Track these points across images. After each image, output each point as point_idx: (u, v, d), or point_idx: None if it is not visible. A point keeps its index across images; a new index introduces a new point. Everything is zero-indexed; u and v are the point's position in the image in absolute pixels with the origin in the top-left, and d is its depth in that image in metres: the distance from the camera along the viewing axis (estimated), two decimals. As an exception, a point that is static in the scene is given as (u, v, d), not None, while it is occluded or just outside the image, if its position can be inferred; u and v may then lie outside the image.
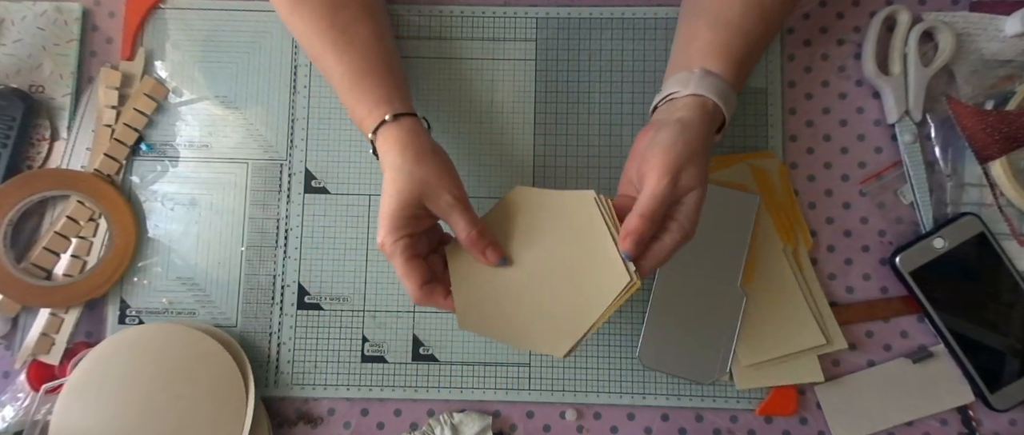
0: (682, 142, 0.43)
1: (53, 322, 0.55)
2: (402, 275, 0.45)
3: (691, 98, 0.45)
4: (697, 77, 0.46)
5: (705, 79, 0.46)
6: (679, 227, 0.43)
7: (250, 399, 0.52)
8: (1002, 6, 0.56)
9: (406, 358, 0.56)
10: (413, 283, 0.45)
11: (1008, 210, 0.54)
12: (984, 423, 0.53)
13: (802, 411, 0.54)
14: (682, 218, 0.43)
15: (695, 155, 0.43)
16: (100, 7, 0.59)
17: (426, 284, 0.45)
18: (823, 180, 0.56)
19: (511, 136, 0.57)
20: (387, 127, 0.47)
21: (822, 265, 0.55)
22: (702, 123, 0.45)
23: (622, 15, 0.58)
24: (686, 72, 0.47)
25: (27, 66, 0.58)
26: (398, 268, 0.45)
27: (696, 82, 0.46)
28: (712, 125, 0.46)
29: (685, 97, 0.46)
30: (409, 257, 0.45)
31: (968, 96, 0.55)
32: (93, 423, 0.51)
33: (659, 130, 0.44)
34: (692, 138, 0.43)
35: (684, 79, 0.46)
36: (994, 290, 0.53)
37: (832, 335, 0.53)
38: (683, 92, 0.46)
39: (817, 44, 0.57)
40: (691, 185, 0.43)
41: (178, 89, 0.58)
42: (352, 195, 0.57)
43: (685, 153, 0.43)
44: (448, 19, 0.59)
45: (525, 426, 0.55)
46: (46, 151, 0.57)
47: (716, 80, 0.46)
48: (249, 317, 0.56)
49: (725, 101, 0.46)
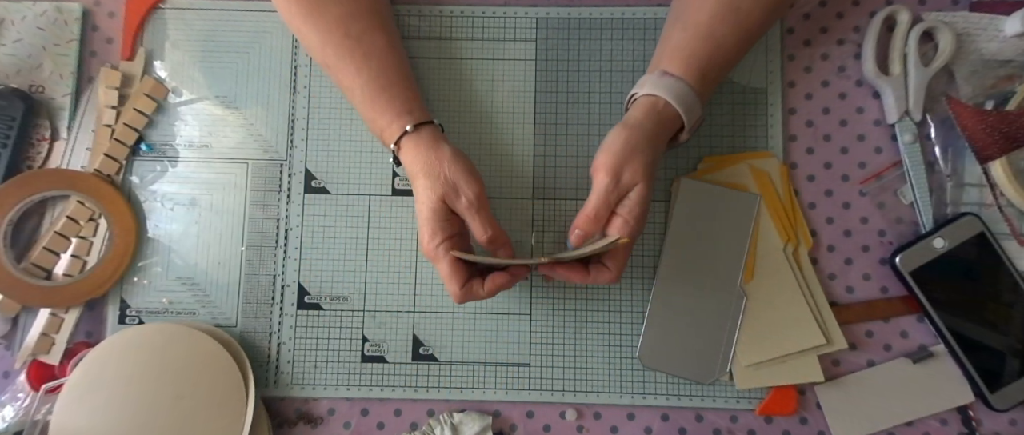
0: (622, 140, 0.46)
1: (53, 322, 0.55)
2: (446, 277, 0.48)
3: (644, 98, 0.48)
4: (653, 78, 0.48)
5: (661, 80, 0.48)
6: (624, 222, 0.46)
7: (250, 399, 0.52)
8: (1002, 6, 0.56)
9: (406, 358, 0.56)
10: (457, 284, 0.47)
11: (1008, 210, 0.54)
12: (984, 423, 0.53)
13: (802, 411, 0.54)
14: (626, 213, 0.46)
15: (636, 151, 0.46)
16: (100, 7, 0.59)
17: (467, 282, 0.48)
18: (823, 180, 0.56)
19: (511, 136, 0.57)
20: (409, 137, 0.49)
21: (822, 265, 0.55)
22: (650, 121, 0.47)
23: (622, 15, 0.58)
24: (650, 74, 0.49)
25: (27, 66, 0.58)
26: (443, 271, 0.48)
27: (651, 83, 0.48)
28: (662, 123, 0.47)
29: (640, 98, 0.48)
30: (453, 259, 0.47)
31: (968, 96, 0.55)
32: (93, 423, 0.51)
33: (610, 133, 0.48)
34: (634, 136, 0.46)
35: (643, 80, 0.49)
36: (994, 290, 0.53)
37: (832, 335, 0.53)
38: (639, 93, 0.48)
39: (817, 44, 0.57)
40: (633, 181, 0.46)
41: (178, 89, 0.58)
42: (352, 195, 0.57)
43: (625, 150, 0.46)
44: (448, 19, 0.59)
45: (525, 426, 0.55)
46: (46, 151, 0.57)
47: (673, 81, 0.47)
48: (249, 317, 0.56)
49: (679, 100, 0.47)
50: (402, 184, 0.57)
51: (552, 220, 0.56)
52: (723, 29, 0.48)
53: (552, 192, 0.57)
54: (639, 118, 0.47)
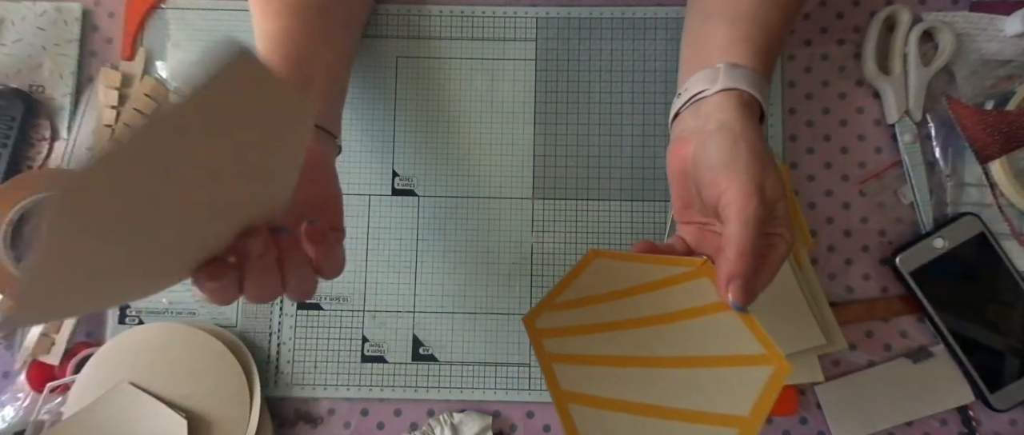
0: (744, 149, 0.37)
1: (53, 322, 0.55)
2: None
3: (722, 95, 0.40)
4: (723, 71, 0.40)
5: (733, 71, 0.40)
6: (781, 239, 0.38)
7: (255, 399, 0.52)
8: (1002, 6, 0.56)
9: (406, 358, 0.56)
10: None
11: (1008, 210, 0.54)
12: (984, 423, 0.53)
13: (802, 411, 0.54)
14: (780, 227, 0.38)
15: (767, 164, 0.37)
16: (100, 7, 0.59)
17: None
18: (823, 180, 0.56)
19: (511, 136, 0.57)
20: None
21: (822, 265, 0.55)
22: (749, 119, 0.39)
23: (622, 15, 0.58)
24: (709, 69, 0.42)
25: (27, 66, 0.58)
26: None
27: (724, 76, 0.40)
28: (756, 120, 0.40)
29: (715, 95, 0.40)
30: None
31: (968, 96, 0.55)
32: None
33: (705, 144, 0.38)
34: (751, 139, 0.37)
35: (709, 76, 0.41)
36: (994, 290, 0.53)
37: (832, 335, 0.53)
38: (712, 90, 0.40)
39: (817, 44, 0.57)
40: (777, 194, 0.37)
41: (178, 89, 0.58)
42: (352, 195, 0.57)
43: (757, 163, 0.37)
44: (448, 19, 0.59)
45: (525, 426, 0.55)
46: (46, 151, 0.57)
47: (745, 71, 0.41)
48: (249, 317, 0.56)
49: (760, 91, 0.41)
50: (402, 184, 0.57)
51: (552, 220, 0.56)
52: (768, 15, 0.43)
53: (552, 192, 0.57)
54: (738, 120, 0.38)
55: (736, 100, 0.40)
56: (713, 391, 0.32)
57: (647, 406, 0.33)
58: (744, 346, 0.33)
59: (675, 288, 0.38)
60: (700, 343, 0.35)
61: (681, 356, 0.35)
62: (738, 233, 0.35)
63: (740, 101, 0.40)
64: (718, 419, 0.31)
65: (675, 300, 0.38)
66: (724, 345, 0.34)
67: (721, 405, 0.31)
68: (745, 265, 0.35)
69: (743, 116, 0.39)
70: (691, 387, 0.33)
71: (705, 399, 0.32)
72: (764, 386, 0.31)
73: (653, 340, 0.36)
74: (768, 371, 0.31)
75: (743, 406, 0.31)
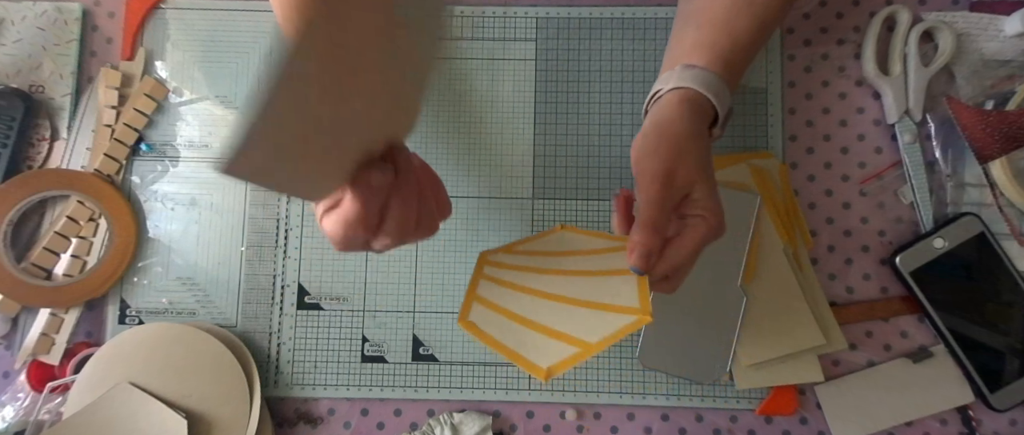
0: (665, 142, 0.42)
1: (53, 322, 0.55)
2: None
3: (672, 93, 0.44)
4: (677, 72, 0.45)
5: (685, 72, 0.45)
6: (701, 220, 0.41)
7: (255, 399, 0.52)
8: (1002, 6, 0.56)
9: (406, 358, 0.56)
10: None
11: (1008, 210, 0.54)
12: (984, 423, 0.53)
13: (802, 411, 0.54)
14: (700, 209, 0.41)
15: (683, 151, 0.42)
16: (100, 7, 0.59)
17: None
18: (823, 180, 0.56)
19: (511, 136, 0.57)
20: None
21: (822, 265, 0.55)
22: (687, 115, 0.43)
23: (622, 15, 0.58)
24: (670, 71, 0.46)
25: (27, 66, 0.58)
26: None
27: (676, 77, 0.45)
28: (699, 115, 0.44)
29: (667, 93, 0.45)
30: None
31: (968, 96, 0.55)
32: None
33: (643, 137, 0.44)
34: (676, 133, 0.42)
35: (666, 77, 0.46)
36: (994, 290, 0.53)
37: (832, 335, 0.53)
38: (665, 88, 0.45)
39: (817, 44, 0.57)
40: (690, 179, 0.41)
41: (178, 89, 0.58)
42: (352, 195, 0.57)
43: (672, 151, 0.41)
44: (448, 19, 0.59)
45: (525, 426, 0.55)
46: (46, 151, 0.57)
47: (698, 71, 0.45)
48: (249, 317, 0.56)
49: (711, 90, 0.44)
50: (402, 184, 0.57)
51: (552, 220, 0.56)
52: (741, 23, 0.46)
53: (552, 192, 0.57)
54: (671, 115, 0.43)
55: (681, 97, 0.44)
56: (582, 323, 0.39)
57: (526, 319, 0.41)
58: (626, 300, 0.39)
59: (602, 256, 0.45)
60: (595, 292, 0.41)
61: (575, 298, 0.41)
62: (643, 210, 0.41)
63: (684, 98, 0.44)
64: (570, 339, 0.38)
65: (596, 263, 0.44)
66: (613, 297, 0.40)
67: (581, 333, 0.38)
68: (647, 237, 0.40)
69: (682, 111, 0.43)
70: (568, 317, 0.40)
71: (573, 327, 0.39)
72: (619, 327, 0.36)
73: (563, 286, 0.43)
74: (631, 319, 0.37)
75: (596, 336, 0.36)
